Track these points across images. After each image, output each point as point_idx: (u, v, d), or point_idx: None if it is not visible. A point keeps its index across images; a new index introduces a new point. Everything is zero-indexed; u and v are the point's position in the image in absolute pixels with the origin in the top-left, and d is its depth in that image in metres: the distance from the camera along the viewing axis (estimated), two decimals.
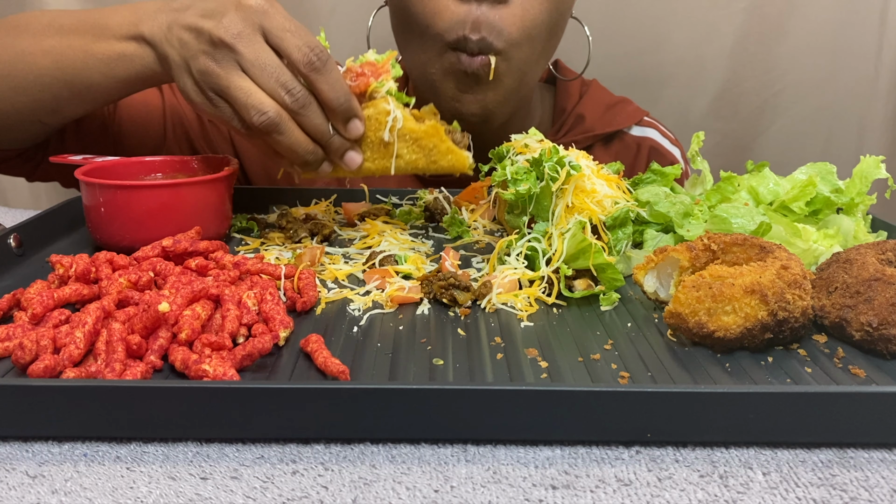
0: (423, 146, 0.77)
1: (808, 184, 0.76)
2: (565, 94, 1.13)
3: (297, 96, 0.71)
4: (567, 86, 1.14)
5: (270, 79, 0.70)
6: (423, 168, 0.78)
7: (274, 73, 0.70)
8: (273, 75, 0.70)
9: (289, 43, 0.70)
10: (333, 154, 0.76)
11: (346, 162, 0.76)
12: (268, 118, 0.70)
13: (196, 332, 0.56)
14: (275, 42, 0.71)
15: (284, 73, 0.70)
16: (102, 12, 0.82)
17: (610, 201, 0.75)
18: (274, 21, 0.71)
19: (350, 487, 0.44)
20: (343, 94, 0.72)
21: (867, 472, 0.45)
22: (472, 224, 0.87)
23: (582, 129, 1.10)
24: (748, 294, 0.56)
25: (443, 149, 0.77)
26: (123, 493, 0.43)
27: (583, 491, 0.43)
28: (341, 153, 0.76)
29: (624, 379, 0.52)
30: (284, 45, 0.71)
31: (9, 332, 0.56)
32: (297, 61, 0.70)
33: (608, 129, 1.10)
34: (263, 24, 0.71)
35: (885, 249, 0.63)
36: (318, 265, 0.75)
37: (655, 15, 1.39)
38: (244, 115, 0.71)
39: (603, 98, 1.14)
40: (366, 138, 0.76)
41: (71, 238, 0.85)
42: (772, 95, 1.44)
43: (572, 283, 0.68)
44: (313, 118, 0.72)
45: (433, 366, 0.54)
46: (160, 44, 0.75)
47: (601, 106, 1.13)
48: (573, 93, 1.13)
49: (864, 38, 1.40)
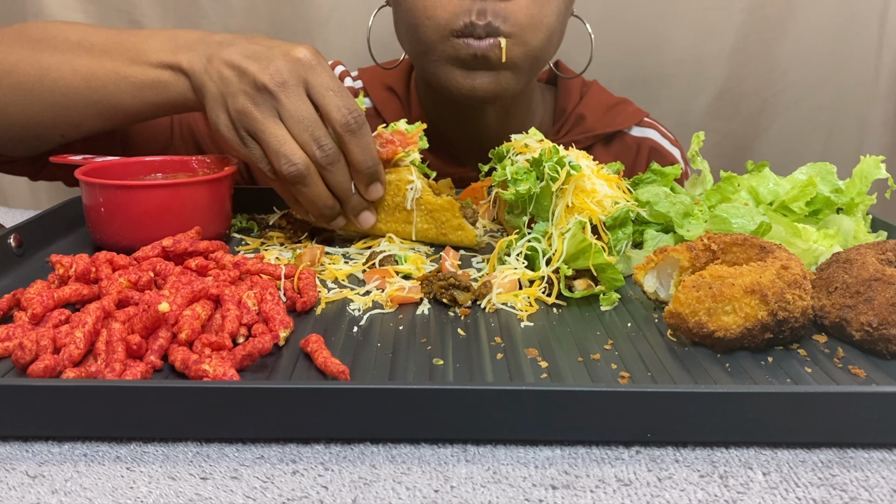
0: (436, 218, 0.80)
1: (808, 184, 0.76)
2: (566, 94, 1.13)
3: (327, 152, 0.72)
4: (568, 86, 1.14)
5: (305, 132, 0.72)
6: (432, 238, 0.81)
7: (309, 126, 0.72)
8: (308, 129, 0.72)
9: (330, 101, 0.72)
10: (350, 211, 0.78)
11: (360, 220, 0.79)
12: (296, 169, 0.72)
13: (196, 332, 0.56)
14: (316, 97, 0.73)
15: (320, 128, 0.72)
16: (136, 35, 0.83)
17: (610, 201, 0.75)
18: (319, 77, 0.73)
19: (350, 487, 0.44)
20: (372, 158, 0.75)
21: (867, 472, 0.45)
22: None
23: (582, 128, 1.10)
24: (748, 294, 0.56)
25: (454, 224, 0.80)
26: (123, 493, 0.43)
27: (583, 491, 0.43)
28: (357, 211, 0.79)
29: (624, 379, 0.52)
30: (325, 101, 0.72)
31: (9, 332, 0.56)
32: (336, 120, 0.72)
33: (609, 130, 1.11)
34: (309, 78, 0.72)
35: (885, 249, 0.63)
36: (318, 265, 0.75)
37: (655, 15, 1.39)
38: (274, 161, 0.72)
39: (604, 99, 1.14)
40: (382, 201, 0.80)
41: (71, 238, 0.85)
42: (772, 95, 1.44)
43: (572, 283, 0.68)
44: (338, 175, 0.74)
45: (433, 366, 0.54)
46: (198, 75, 0.76)
47: (602, 106, 1.13)
48: (574, 93, 1.13)
49: (864, 38, 1.40)
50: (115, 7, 1.36)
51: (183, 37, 0.80)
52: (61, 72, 0.82)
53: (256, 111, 0.72)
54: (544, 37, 0.91)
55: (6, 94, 0.84)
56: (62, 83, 0.82)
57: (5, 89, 0.84)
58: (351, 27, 1.36)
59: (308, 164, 0.72)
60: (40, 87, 0.83)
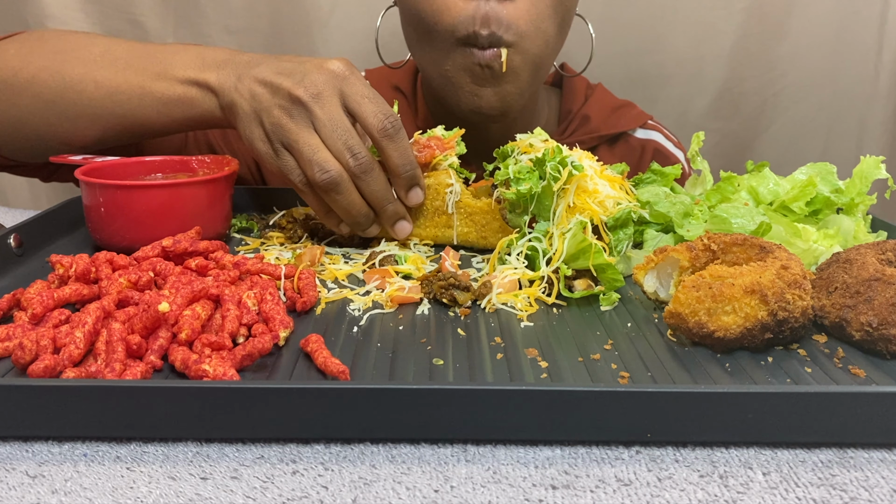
0: (475, 221, 0.80)
1: (808, 184, 0.76)
2: (571, 95, 1.14)
3: (360, 161, 0.72)
4: (573, 88, 1.15)
5: (339, 140, 0.72)
6: (473, 241, 0.82)
7: (343, 135, 0.72)
8: (342, 137, 0.72)
9: (366, 108, 0.73)
10: (386, 220, 0.78)
11: (396, 230, 0.79)
12: (329, 177, 0.72)
13: (196, 332, 0.56)
14: (352, 107, 0.73)
15: (353, 137, 0.73)
16: (162, 51, 0.83)
17: (612, 202, 0.75)
18: (354, 87, 0.73)
19: (350, 487, 0.44)
20: (410, 162, 0.75)
21: (867, 472, 0.45)
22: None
23: (587, 129, 1.11)
24: (748, 294, 0.56)
25: (495, 227, 0.80)
26: (123, 493, 0.43)
27: (583, 491, 0.43)
28: (394, 221, 0.79)
29: (624, 379, 0.52)
30: (361, 110, 0.73)
31: (9, 332, 0.56)
32: (373, 126, 0.73)
33: (613, 131, 1.12)
34: (343, 88, 0.73)
35: (885, 249, 0.63)
36: (318, 265, 0.75)
37: (655, 15, 1.39)
38: (307, 170, 0.72)
39: (608, 101, 1.15)
40: (421, 206, 0.80)
41: (71, 238, 0.85)
42: (772, 95, 1.44)
43: (572, 283, 0.68)
44: (373, 184, 0.74)
45: (433, 366, 0.54)
46: (228, 92, 0.77)
47: (606, 108, 1.14)
48: (579, 95, 1.14)
49: (864, 38, 1.40)
50: (116, 7, 1.36)
51: (211, 55, 0.80)
52: (84, 84, 0.82)
53: (291, 122, 0.72)
54: (542, 43, 0.93)
55: (26, 104, 0.84)
56: (85, 96, 0.82)
57: (26, 99, 0.84)
58: (351, 27, 1.36)
59: (341, 172, 0.72)
60: (62, 99, 0.83)
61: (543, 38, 0.92)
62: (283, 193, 0.98)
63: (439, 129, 0.82)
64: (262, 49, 1.37)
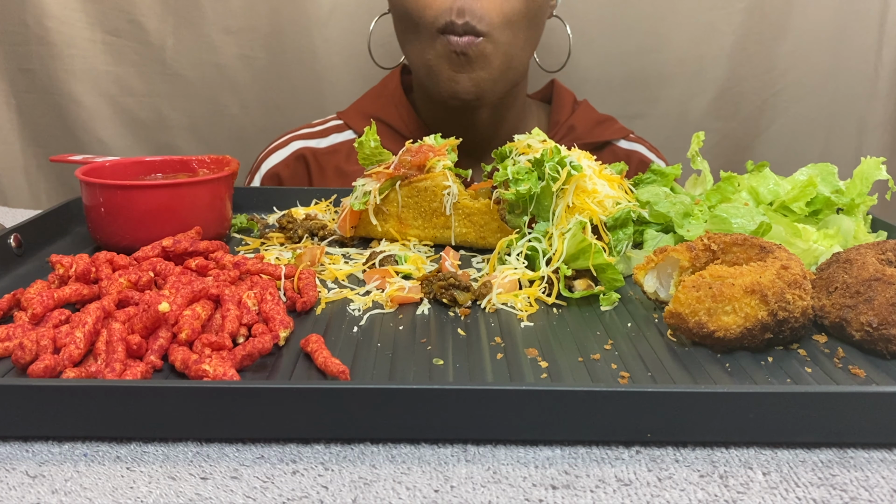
0: (474, 222, 0.81)
1: (809, 184, 0.76)
2: (559, 108, 1.23)
3: None
4: (561, 102, 1.23)
5: None
6: (472, 242, 0.82)
7: None
8: None
9: None
10: None
11: None
12: None
13: (196, 332, 0.56)
14: None
15: None
16: None
17: (611, 202, 0.75)
18: None
19: (350, 487, 0.44)
20: None
21: (867, 472, 0.45)
22: None
23: (573, 137, 1.18)
24: (748, 294, 0.56)
25: (494, 227, 0.80)
26: (123, 493, 0.43)
27: (583, 491, 0.43)
28: None
29: (624, 379, 0.52)
30: None
31: (9, 332, 0.56)
32: None
33: (598, 139, 1.19)
34: None
35: (885, 249, 0.63)
36: (318, 265, 0.75)
37: (655, 15, 1.39)
38: None
39: (592, 115, 1.24)
40: (419, 208, 0.81)
41: (71, 238, 0.85)
42: (772, 95, 1.44)
43: (572, 283, 0.67)
44: None
45: (433, 366, 0.54)
46: None
47: (591, 120, 1.22)
48: (566, 108, 1.23)
49: (864, 38, 1.40)
50: (116, 7, 1.36)
51: None
52: None
53: None
54: (512, 35, 1.03)
55: None
56: None
57: None
58: (351, 27, 1.36)
59: None
60: None
61: (513, 31, 1.03)
62: (284, 193, 0.98)
63: (430, 138, 0.84)
64: (263, 49, 1.38)
